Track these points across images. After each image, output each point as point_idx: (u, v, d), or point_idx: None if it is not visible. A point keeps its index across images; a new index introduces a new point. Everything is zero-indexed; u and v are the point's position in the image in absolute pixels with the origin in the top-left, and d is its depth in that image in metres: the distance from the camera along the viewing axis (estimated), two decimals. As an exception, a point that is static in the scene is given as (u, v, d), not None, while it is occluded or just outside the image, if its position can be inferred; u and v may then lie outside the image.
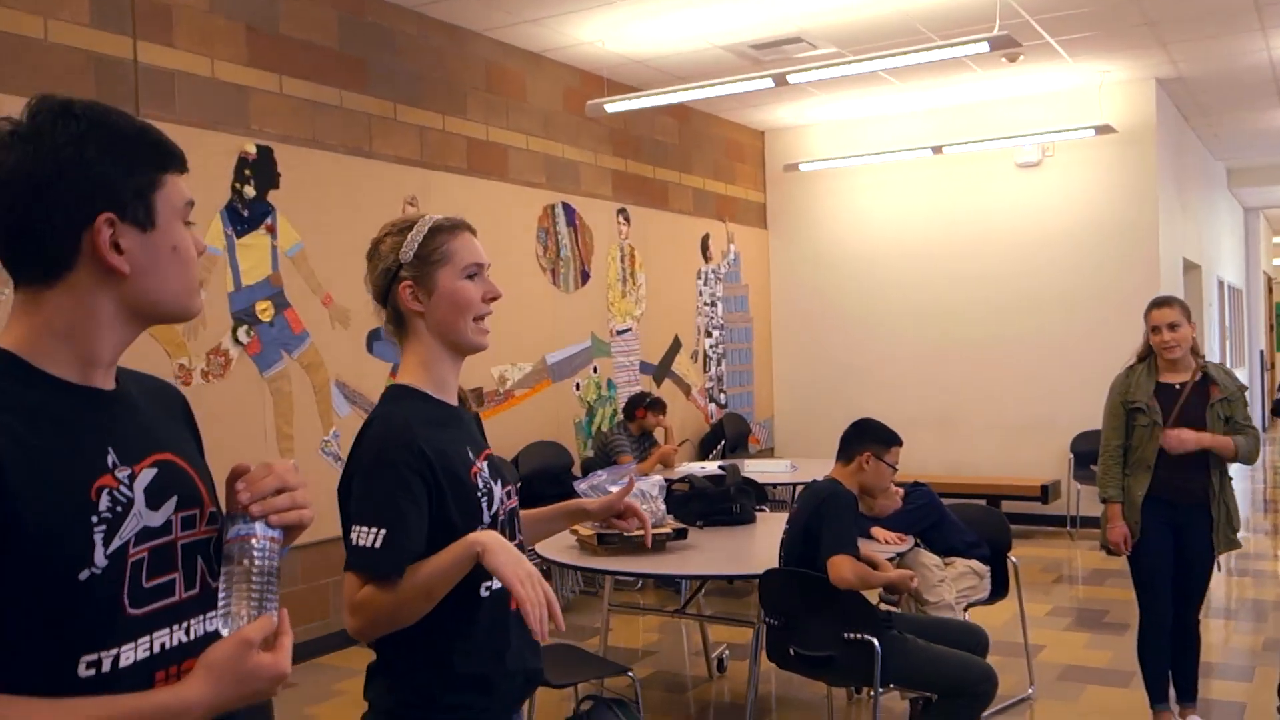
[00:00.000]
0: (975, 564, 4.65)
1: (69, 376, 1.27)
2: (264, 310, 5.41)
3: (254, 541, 1.27)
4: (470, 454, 1.92)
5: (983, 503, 8.08)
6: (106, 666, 1.21)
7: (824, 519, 3.61)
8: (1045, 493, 8.51)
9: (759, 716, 4.47)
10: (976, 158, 9.23)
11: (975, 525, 4.88)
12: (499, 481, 1.95)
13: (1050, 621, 6.04)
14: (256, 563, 1.26)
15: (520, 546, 1.63)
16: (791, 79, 6.40)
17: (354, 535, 1.78)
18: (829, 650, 3.61)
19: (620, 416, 7.55)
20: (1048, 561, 7.73)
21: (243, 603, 1.25)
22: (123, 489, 1.25)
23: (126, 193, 1.25)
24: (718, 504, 4.94)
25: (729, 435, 9.17)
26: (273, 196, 5.48)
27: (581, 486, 4.40)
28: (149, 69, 4.94)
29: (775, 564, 3.82)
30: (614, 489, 4.31)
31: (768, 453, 9.96)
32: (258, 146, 5.41)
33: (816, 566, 3.58)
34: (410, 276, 1.91)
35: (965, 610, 4.51)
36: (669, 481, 5.58)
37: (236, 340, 5.26)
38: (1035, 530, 8.78)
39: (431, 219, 1.95)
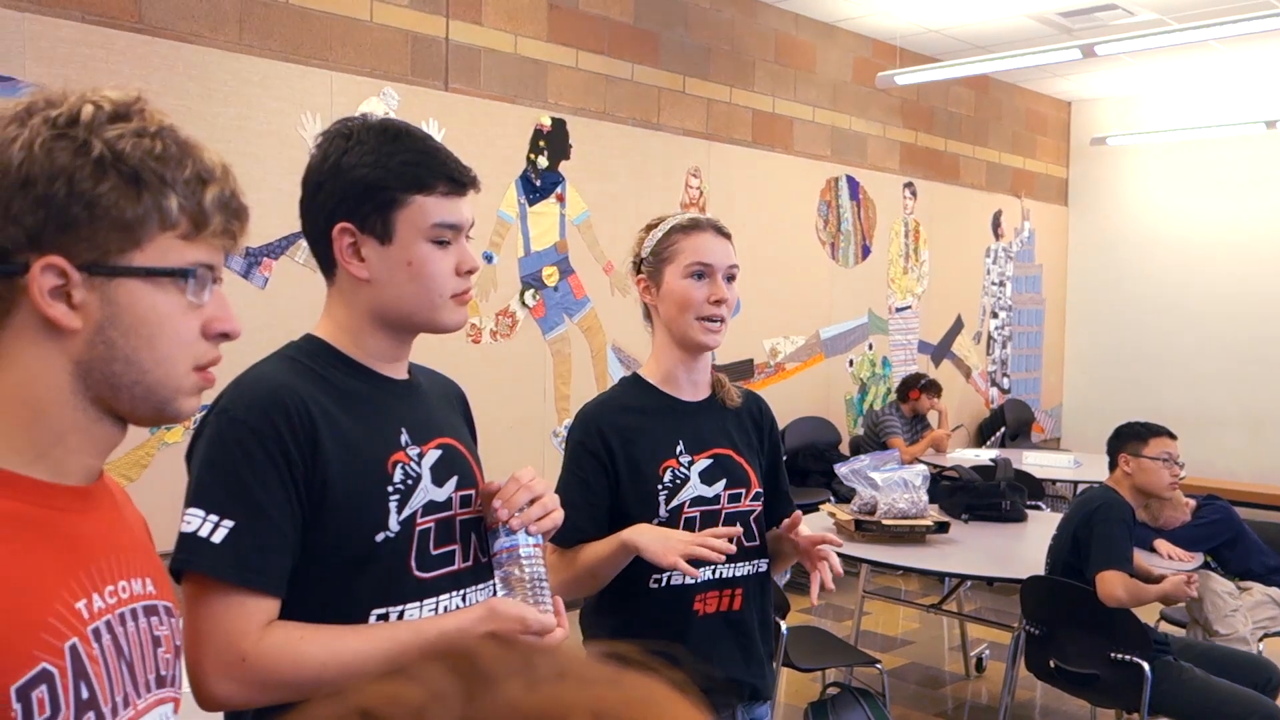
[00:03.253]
0: (1275, 592, 4.24)
1: (367, 364, 1.44)
2: (550, 275, 5.68)
3: (521, 551, 1.40)
4: (673, 448, 1.93)
5: (1296, 518, 7.44)
6: (393, 620, 1.37)
7: (1094, 529, 3.40)
8: (1374, 512, 7.62)
9: (1015, 723, 4.31)
10: (1318, 135, 8.29)
11: None
12: (717, 482, 1.94)
13: (1365, 659, 5.42)
14: (527, 570, 1.39)
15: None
16: (1103, 50, 5.98)
17: None
18: (1093, 668, 3.42)
19: (893, 396, 7.39)
20: (1370, 590, 6.92)
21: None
22: (413, 465, 1.40)
23: (367, 206, 1.38)
24: (986, 498, 4.76)
25: (1010, 422, 8.78)
26: (564, 167, 5.72)
27: (842, 470, 4.39)
28: (459, 46, 5.26)
29: (1041, 568, 3.66)
30: (875, 475, 4.29)
31: (1053, 443, 9.46)
32: (552, 119, 5.66)
33: (1082, 578, 3.40)
34: (645, 272, 1.99)
35: (1260, 641, 4.14)
36: (937, 470, 5.44)
37: (524, 303, 5.57)
38: (1359, 553, 7.88)
39: (678, 218, 1.99)
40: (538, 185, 5.61)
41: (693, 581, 1.88)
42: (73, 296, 0.92)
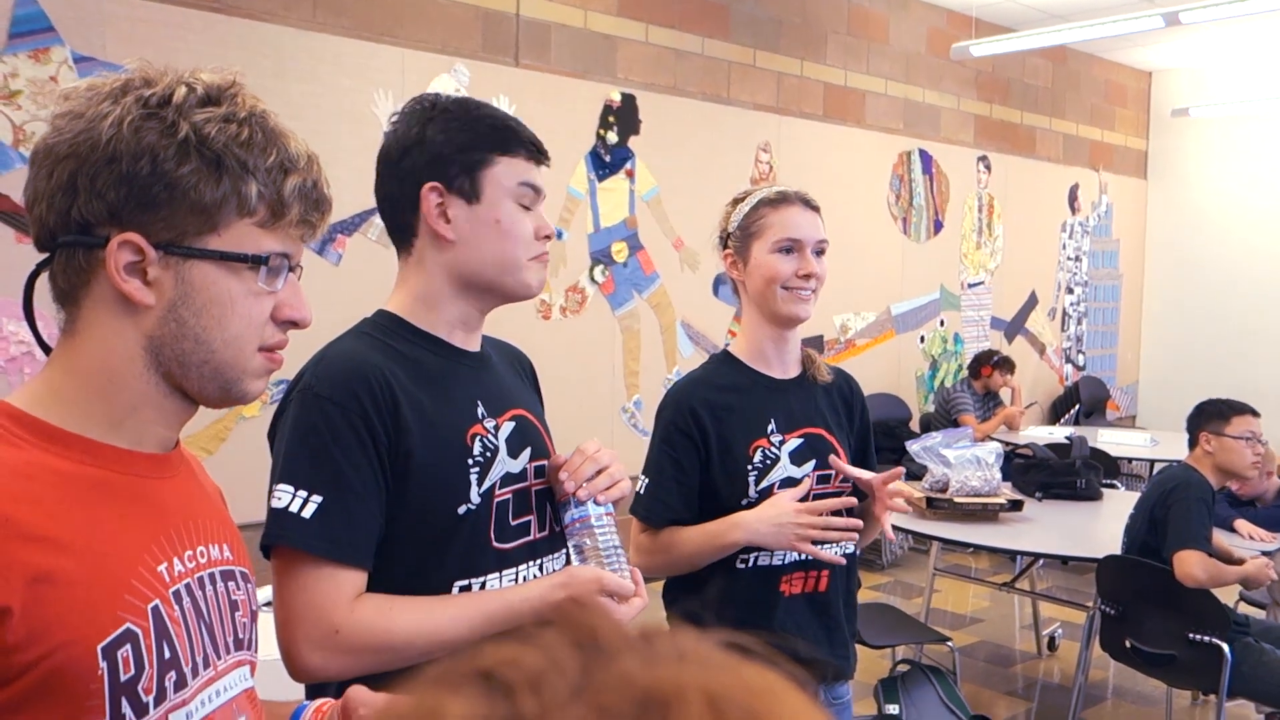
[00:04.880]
0: (1361, 574, 4.12)
1: (441, 336, 1.45)
2: (619, 251, 5.69)
3: (592, 520, 1.41)
4: (765, 427, 1.90)
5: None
6: (475, 591, 1.39)
7: (1171, 509, 3.33)
8: None
9: (1090, 704, 4.25)
10: None
11: (1367, 529, 4.31)
12: (807, 463, 1.91)
13: None
14: (600, 538, 1.41)
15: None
16: (1187, 17, 5.80)
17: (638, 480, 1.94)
18: (1170, 649, 3.36)
19: (965, 373, 7.29)
20: None
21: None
22: (490, 437, 1.42)
23: (455, 167, 1.40)
24: (1060, 476, 4.69)
25: (1084, 400, 8.61)
26: (633, 142, 5.72)
27: (913, 447, 4.35)
28: (529, 21, 5.27)
29: (1116, 547, 3.60)
30: (948, 452, 4.24)
31: (1128, 421, 9.27)
32: (622, 94, 5.65)
33: (1160, 558, 3.33)
34: (732, 247, 1.96)
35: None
36: (1010, 448, 5.36)
37: (593, 279, 5.58)
38: None
39: (765, 191, 1.95)
40: (607, 161, 5.61)
41: (781, 563, 1.87)
42: (148, 273, 0.95)
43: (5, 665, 0.84)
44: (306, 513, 1.29)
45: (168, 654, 0.93)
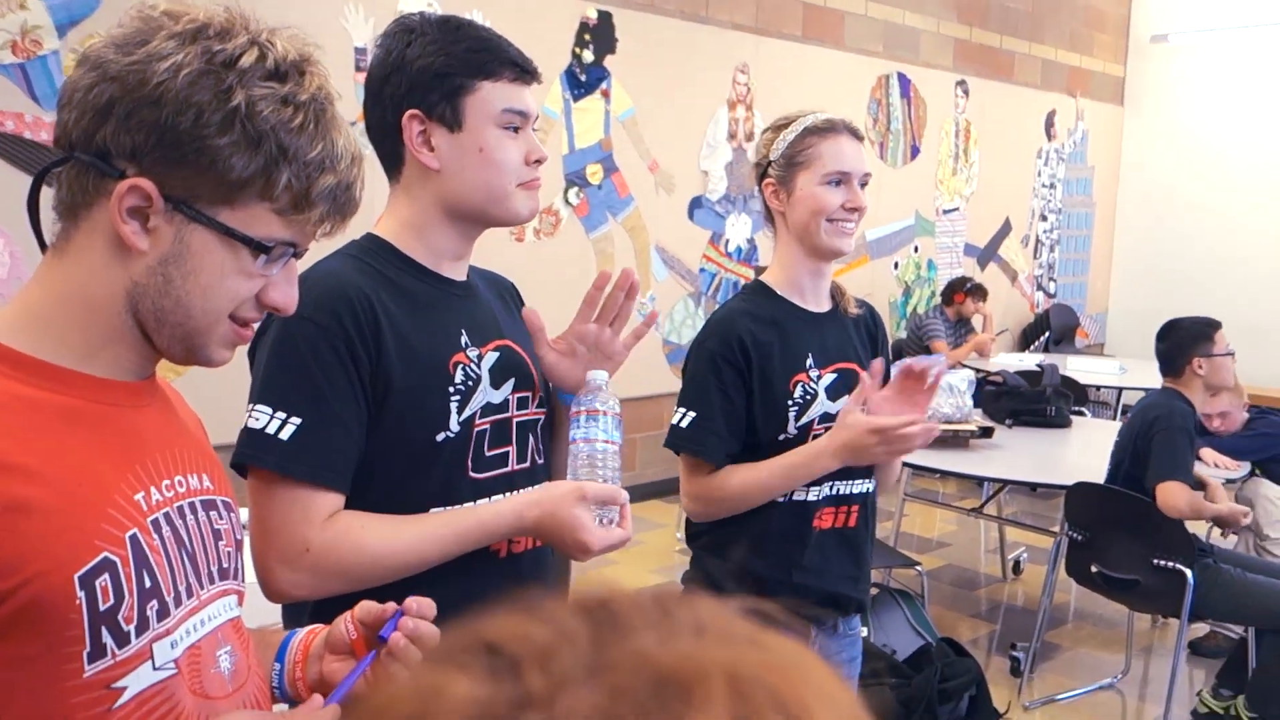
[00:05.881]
0: (1323, 501, 4.21)
1: (428, 264, 1.42)
2: (594, 173, 5.62)
3: (598, 443, 1.39)
4: (803, 362, 1.88)
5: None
6: (448, 509, 1.37)
7: (1155, 438, 3.35)
8: None
9: (1052, 626, 4.35)
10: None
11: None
12: (841, 398, 1.87)
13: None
14: (599, 458, 1.39)
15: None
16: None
17: (675, 414, 1.90)
18: (1135, 574, 3.43)
19: (938, 300, 7.31)
20: None
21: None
22: (473, 366, 1.40)
23: (435, 94, 1.36)
24: (1031, 404, 4.74)
25: (1054, 327, 8.68)
26: (609, 61, 5.61)
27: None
28: (502, -66, 5.12)
29: (1085, 474, 3.64)
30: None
31: (1096, 349, 9.36)
32: (598, 12, 5.53)
33: (1141, 486, 3.37)
34: (775, 176, 1.90)
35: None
36: (981, 375, 5.40)
37: (567, 201, 5.52)
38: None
39: (810, 119, 1.89)
40: (582, 80, 5.51)
41: (815, 499, 1.86)
42: (149, 220, 0.92)
43: None
44: (284, 434, 1.28)
45: (148, 583, 0.91)
